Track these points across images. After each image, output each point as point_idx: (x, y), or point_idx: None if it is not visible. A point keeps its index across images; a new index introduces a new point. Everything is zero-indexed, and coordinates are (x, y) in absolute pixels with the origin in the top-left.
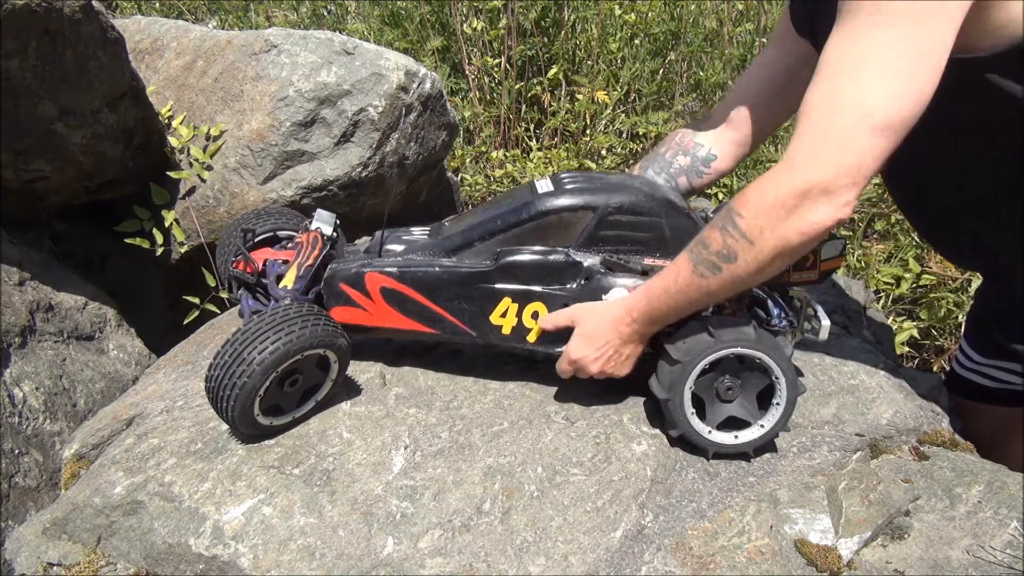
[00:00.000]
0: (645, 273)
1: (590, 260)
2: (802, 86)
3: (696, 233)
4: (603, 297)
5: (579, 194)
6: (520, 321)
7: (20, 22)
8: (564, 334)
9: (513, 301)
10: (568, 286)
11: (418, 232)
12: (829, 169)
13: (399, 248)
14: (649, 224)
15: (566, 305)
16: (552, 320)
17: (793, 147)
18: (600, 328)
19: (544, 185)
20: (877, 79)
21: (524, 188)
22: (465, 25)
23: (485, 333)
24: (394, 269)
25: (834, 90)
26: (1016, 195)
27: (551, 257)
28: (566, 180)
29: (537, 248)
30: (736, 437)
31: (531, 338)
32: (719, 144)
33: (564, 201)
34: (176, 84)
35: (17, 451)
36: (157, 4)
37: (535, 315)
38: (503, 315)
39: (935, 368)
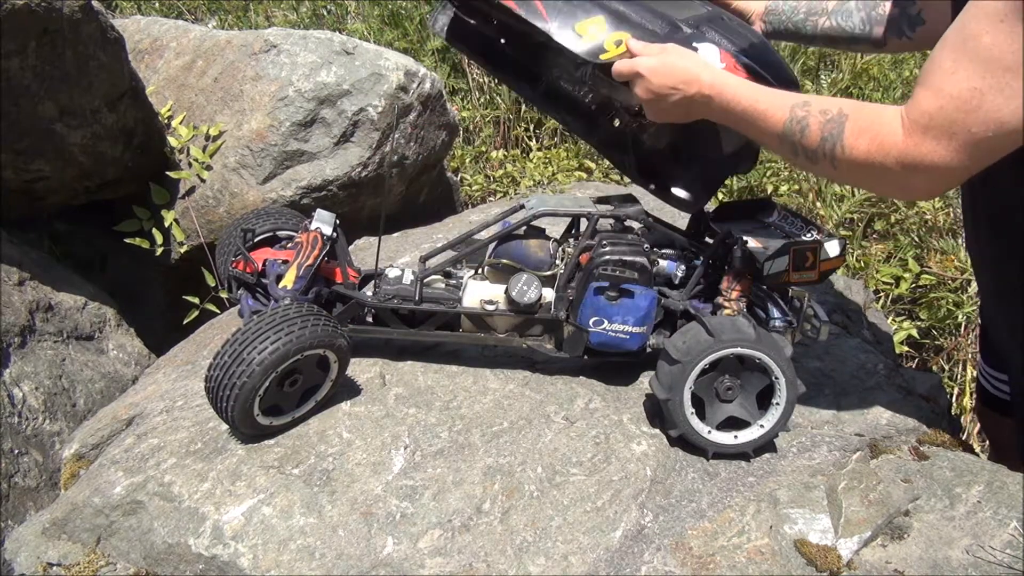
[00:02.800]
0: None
1: (704, 9)
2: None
3: None
4: (694, 46)
5: None
6: (601, 42)
7: (20, 22)
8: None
9: (606, 21)
10: (660, 25)
11: None
12: (940, 168)
13: None
14: None
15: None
16: (642, 47)
17: (921, 111)
18: (680, 73)
19: None
20: (1020, 88)
21: None
22: None
23: (562, 34)
24: None
25: (979, 90)
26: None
27: None
28: None
29: None
30: (736, 437)
31: (604, 57)
32: (929, 11)
33: None
34: (176, 84)
35: (17, 451)
36: (157, 4)
37: (618, 43)
38: (589, 28)
39: (934, 368)
